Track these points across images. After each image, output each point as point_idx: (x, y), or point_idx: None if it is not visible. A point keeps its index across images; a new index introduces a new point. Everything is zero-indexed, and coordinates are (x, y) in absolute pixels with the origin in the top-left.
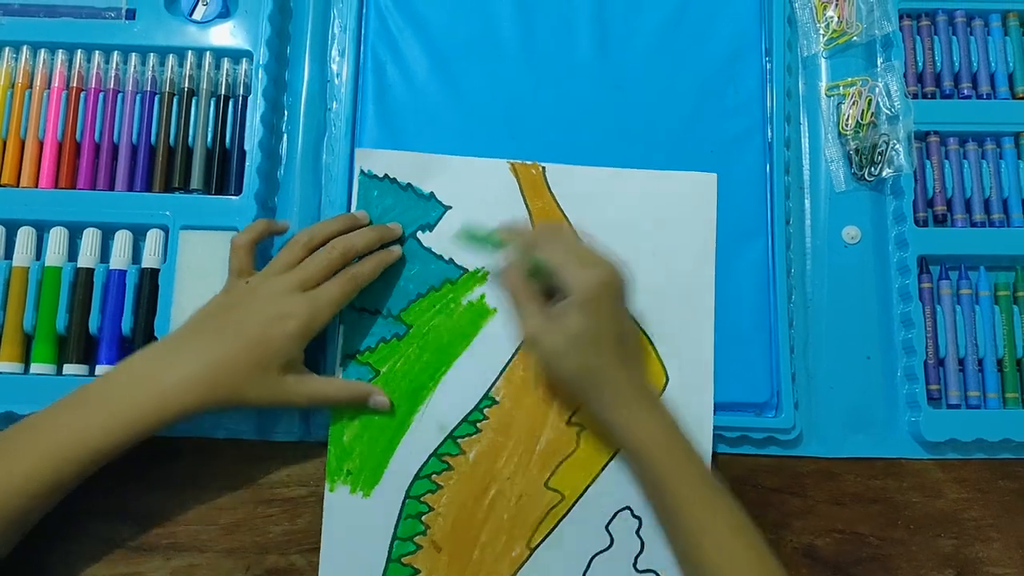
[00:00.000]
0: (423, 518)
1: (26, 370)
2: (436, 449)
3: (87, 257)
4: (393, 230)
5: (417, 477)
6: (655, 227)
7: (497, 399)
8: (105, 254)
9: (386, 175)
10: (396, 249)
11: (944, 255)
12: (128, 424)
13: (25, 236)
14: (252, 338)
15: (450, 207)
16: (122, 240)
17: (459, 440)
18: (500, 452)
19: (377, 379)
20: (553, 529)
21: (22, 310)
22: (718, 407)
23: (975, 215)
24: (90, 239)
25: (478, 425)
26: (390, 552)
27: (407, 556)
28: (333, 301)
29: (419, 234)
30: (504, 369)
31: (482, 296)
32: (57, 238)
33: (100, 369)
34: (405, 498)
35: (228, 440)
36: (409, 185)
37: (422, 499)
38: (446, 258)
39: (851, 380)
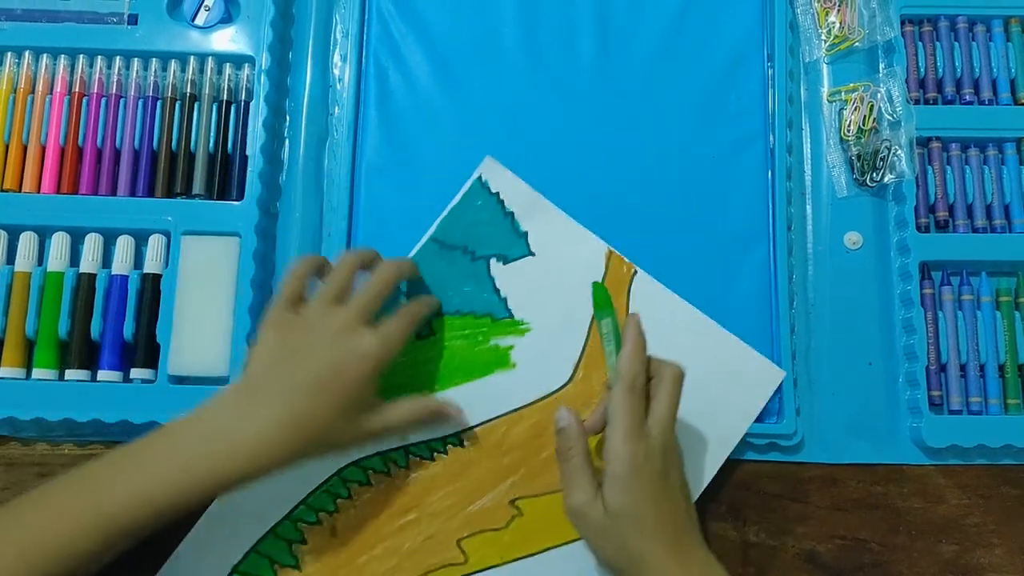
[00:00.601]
0: (337, 500)
1: (28, 376)
2: (386, 450)
3: (89, 262)
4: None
5: (356, 464)
6: (700, 387)
7: (464, 443)
8: (107, 259)
9: (498, 193)
10: (432, 298)
11: (946, 261)
12: (200, 481)
13: (27, 241)
14: (330, 386)
15: (534, 254)
16: (124, 245)
17: (410, 456)
18: (439, 487)
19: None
20: None
21: (24, 315)
22: None
23: (977, 221)
24: (92, 244)
25: (434, 455)
26: (291, 512)
27: (304, 523)
28: (401, 339)
29: (493, 260)
30: (485, 423)
31: (511, 347)
32: (59, 243)
33: (102, 375)
34: (337, 474)
35: None
36: (511, 214)
37: (347, 484)
38: (502, 295)
39: (853, 386)
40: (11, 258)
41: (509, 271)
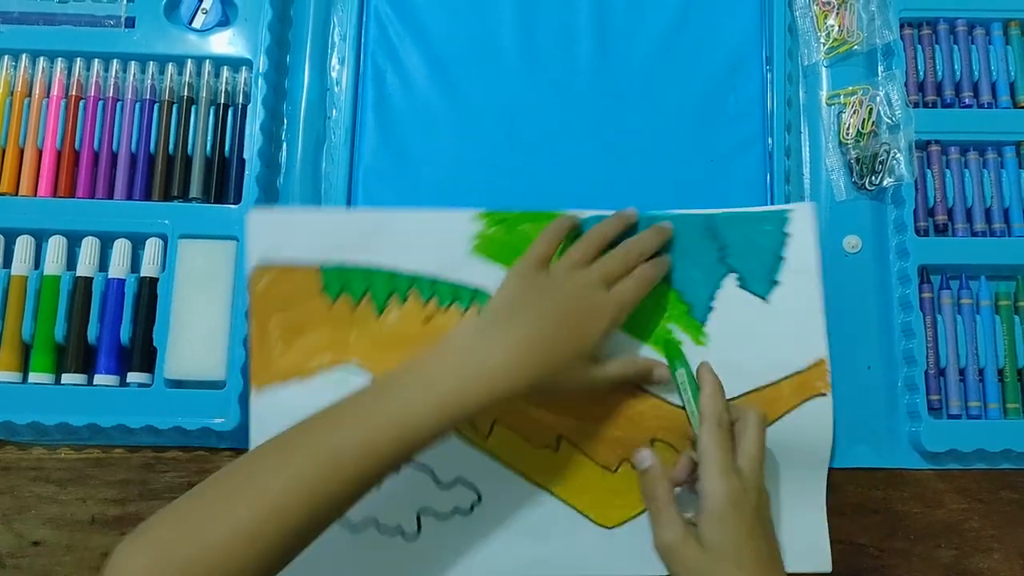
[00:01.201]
0: None
1: (24, 380)
2: None
3: (86, 266)
4: (667, 229)
5: None
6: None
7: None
8: (104, 263)
9: (787, 234)
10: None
11: (945, 264)
12: (456, 406)
13: (24, 245)
14: (572, 327)
15: (766, 301)
16: (121, 249)
17: None
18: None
19: None
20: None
21: (20, 319)
22: None
23: (976, 224)
24: (89, 248)
25: None
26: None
27: None
28: (635, 300)
29: (732, 276)
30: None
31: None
32: (56, 247)
33: (99, 379)
34: None
35: (225, 450)
36: (783, 259)
37: None
38: (710, 304)
39: (852, 390)
40: (8, 261)
41: (730, 296)
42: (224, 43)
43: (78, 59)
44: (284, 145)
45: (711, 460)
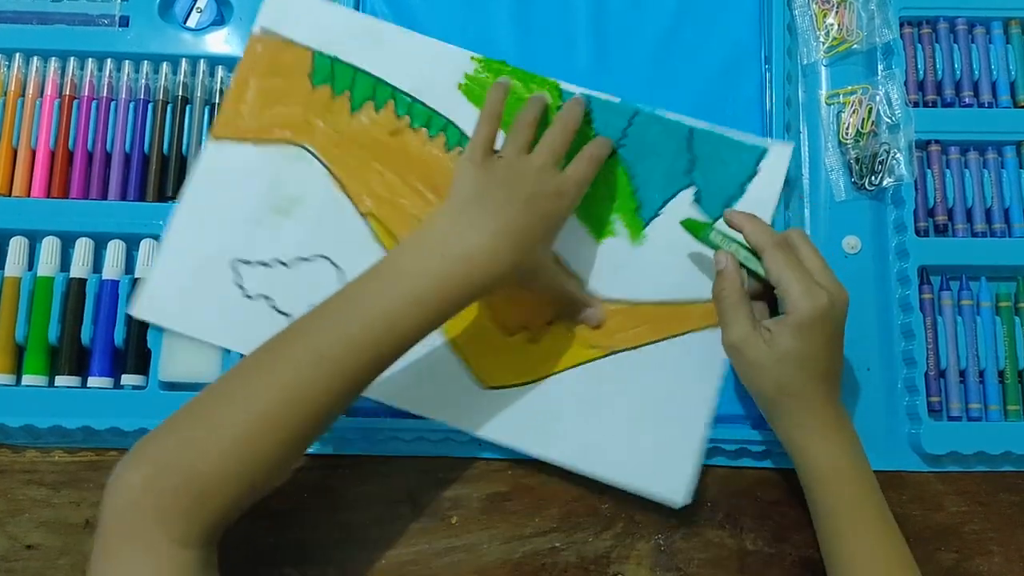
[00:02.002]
0: None
1: (18, 382)
2: None
3: (80, 267)
4: (582, 101)
5: None
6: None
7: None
8: (98, 264)
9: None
10: (608, 139)
11: (945, 265)
12: (436, 300)
13: (17, 246)
14: (541, 211)
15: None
16: (115, 250)
17: None
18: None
19: None
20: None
21: (14, 321)
22: (718, 420)
23: (976, 225)
24: (83, 249)
25: None
26: None
27: None
28: (589, 178)
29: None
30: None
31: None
32: (49, 248)
33: (93, 381)
34: None
35: None
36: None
37: None
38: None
39: (851, 392)
40: (1, 263)
41: (681, 207)
42: (219, 42)
43: (72, 58)
44: None
45: (791, 280)
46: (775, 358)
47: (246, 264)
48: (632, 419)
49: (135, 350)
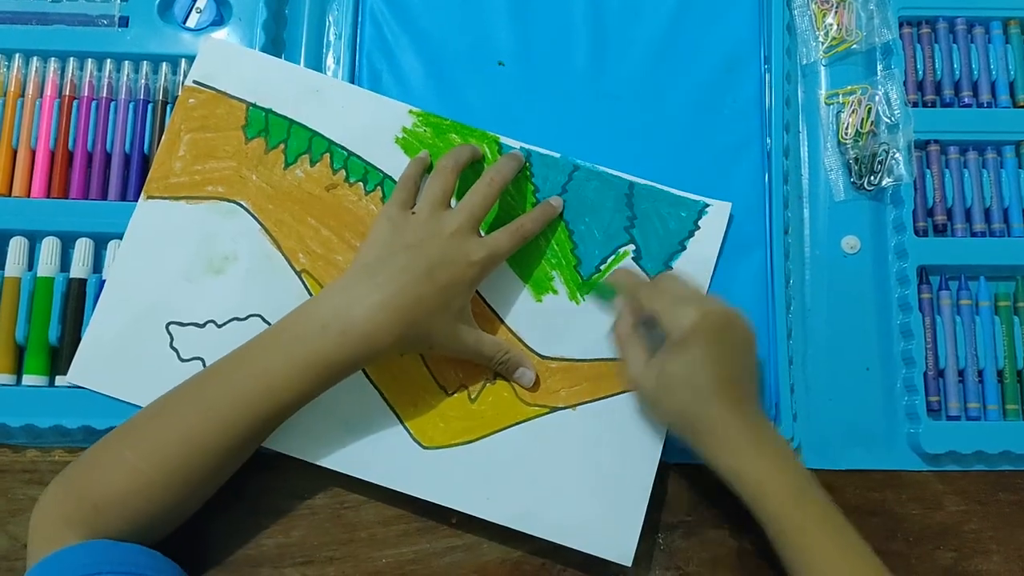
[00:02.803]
0: None
1: (18, 381)
2: None
3: (80, 267)
4: (519, 156)
5: None
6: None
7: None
8: (98, 264)
9: None
10: (558, 201)
11: (944, 265)
12: (321, 367)
13: (17, 246)
14: (442, 282)
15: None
16: (115, 250)
17: None
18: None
19: None
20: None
21: (14, 321)
22: None
23: (975, 225)
24: (83, 249)
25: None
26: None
27: None
28: (506, 253)
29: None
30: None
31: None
32: (49, 248)
33: None
34: None
35: None
36: None
37: None
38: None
39: (850, 392)
40: (1, 263)
41: (620, 266)
42: None
43: (72, 59)
44: None
45: (660, 308)
46: (667, 384)
47: (180, 326)
48: (576, 478)
49: None
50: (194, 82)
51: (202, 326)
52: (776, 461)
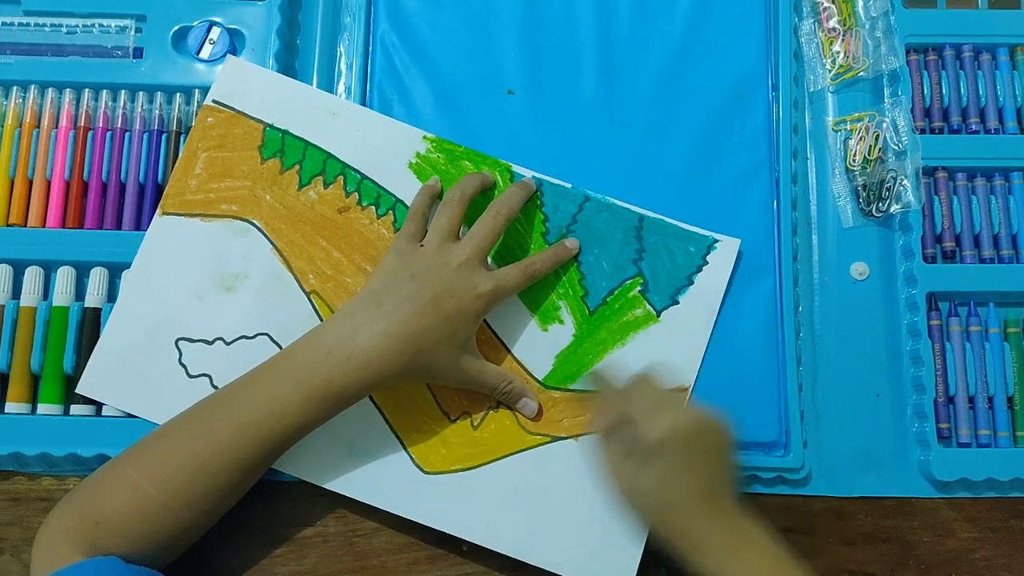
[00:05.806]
0: None
1: (33, 411)
2: None
3: (94, 296)
4: (530, 184)
5: None
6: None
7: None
8: (112, 294)
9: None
10: (573, 243)
11: (953, 291)
12: (324, 395)
13: (32, 276)
14: (448, 312)
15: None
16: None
17: None
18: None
19: None
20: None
21: (29, 350)
22: None
23: (984, 251)
24: (97, 279)
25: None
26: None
27: None
28: (513, 288)
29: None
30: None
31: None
32: (64, 278)
33: (107, 410)
34: None
35: None
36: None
37: None
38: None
39: (860, 418)
40: (17, 293)
41: (627, 298)
42: None
43: (86, 90)
44: None
45: (635, 415)
46: (640, 490)
47: (189, 342)
48: (576, 508)
49: None
50: (213, 101)
51: (211, 343)
52: (761, 562)
